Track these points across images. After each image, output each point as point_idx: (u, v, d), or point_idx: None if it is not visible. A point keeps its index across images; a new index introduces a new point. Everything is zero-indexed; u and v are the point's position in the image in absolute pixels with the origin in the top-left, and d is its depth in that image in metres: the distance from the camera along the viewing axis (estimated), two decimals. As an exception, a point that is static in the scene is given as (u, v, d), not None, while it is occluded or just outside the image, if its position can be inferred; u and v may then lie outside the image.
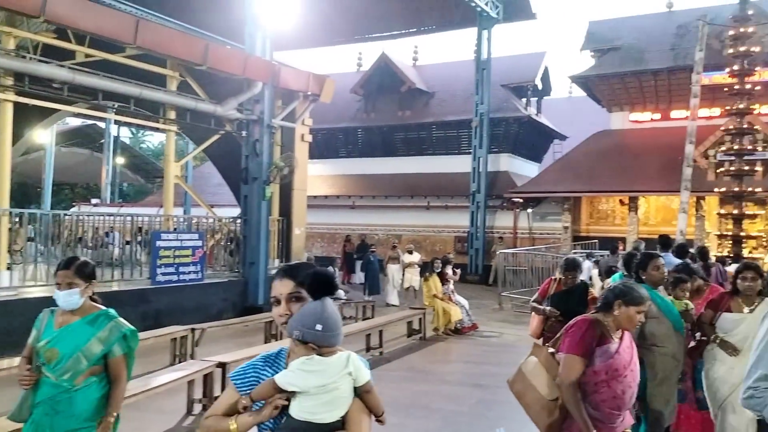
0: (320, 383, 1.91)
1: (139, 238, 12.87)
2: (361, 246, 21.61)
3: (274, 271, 7.92)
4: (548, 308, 5.83)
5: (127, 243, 12.73)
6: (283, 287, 2.03)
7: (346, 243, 22.66)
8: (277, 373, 1.98)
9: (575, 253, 16.54)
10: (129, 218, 12.53)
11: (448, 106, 25.61)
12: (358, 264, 20.42)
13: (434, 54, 57.03)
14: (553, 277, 6.22)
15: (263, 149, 12.59)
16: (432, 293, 11.59)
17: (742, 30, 15.12)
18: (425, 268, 13.05)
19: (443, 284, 11.76)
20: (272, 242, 13.76)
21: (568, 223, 21.64)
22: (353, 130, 27.39)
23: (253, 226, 12.70)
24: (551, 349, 3.57)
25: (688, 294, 4.88)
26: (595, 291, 7.28)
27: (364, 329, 9.45)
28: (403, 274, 15.89)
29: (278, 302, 2.04)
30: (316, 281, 1.96)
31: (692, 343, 4.80)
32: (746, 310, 4.44)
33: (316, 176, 24.00)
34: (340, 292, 13.92)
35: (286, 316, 2.00)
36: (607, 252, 13.88)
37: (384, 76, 26.46)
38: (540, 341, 5.48)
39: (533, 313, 6.11)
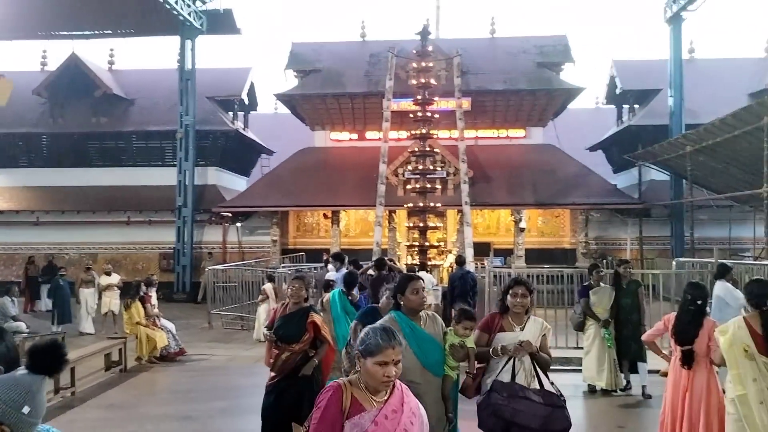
0: None
1: None
2: (47, 268, 19.14)
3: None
4: (267, 332, 5.67)
5: None
6: None
7: (29, 265, 19.88)
8: None
9: (284, 266, 16.95)
10: None
11: (150, 115, 24.12)
12: (45, 289, 17.97)
13: (135, 60, 53.61)
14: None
15: None
16: (135, 320, 10.71)
17: (423, 64, 17.14)
18: (126, 292, 12.00)
19: (146, 308, 10.94)
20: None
21: (276, 236, 22.06)
22: (37, 137, 24.10)
23: None
24: None
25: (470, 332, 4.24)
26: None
27: (52, 368, 8.26)
28: (100, 298, 14.46)
29: None
30: (41, 353, 1.56)
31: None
32: (517, 329, 4.28)
33: (-12, 189, 20.54)
34: (21, 324, 12.03)
35: None
36: (320, 264, 14.44)
37: (75, 79, 23.82)
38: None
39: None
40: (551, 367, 4.16)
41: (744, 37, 61.41)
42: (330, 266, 10.25)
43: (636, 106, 24.24)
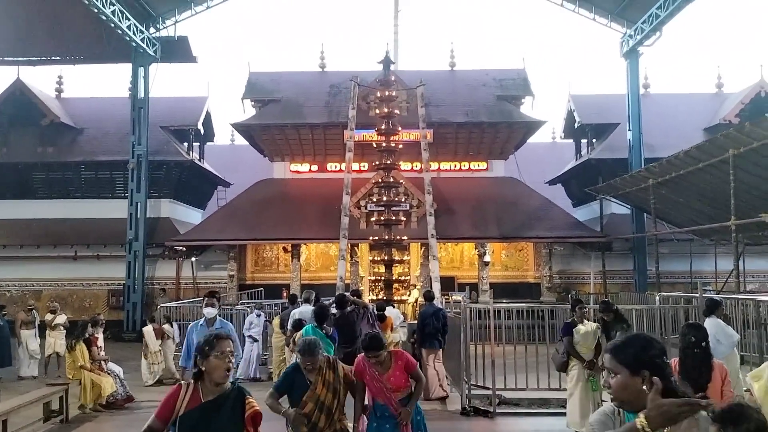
0: None
1: None
2: (-17, 307, 17.74)
3: None
4: None
5: None
6: None
7: (-36, 304, 18.41)
8: None
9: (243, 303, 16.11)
10: None
11: (100, 145, 23.11)
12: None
13: (85, 88, 52.19)
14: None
15: None
16: (78, 364, 9.77)
17: (387, 93, 16.83)
18: (71, 332, 11.04)
19: (91, 351, 10.03)
20: None
21: (233, 271, 21.18)
22: (-23, 167, 22.77)
23: None
24: None
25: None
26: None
27: (-19, 421, 7.33)
28: (44, 338, 13.36)
29: None
30: None
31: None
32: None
33: None
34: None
35: None
36: (281, 301, 13.82)
37: (19, 106, 22.69)
38: None
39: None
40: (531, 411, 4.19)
41: (695, 73, 63.80)
42: (302, 304, 9.54)
43: (594, 140, 24.47)
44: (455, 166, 23.26)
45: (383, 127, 16.88)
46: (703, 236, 19.44)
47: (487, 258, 20.67)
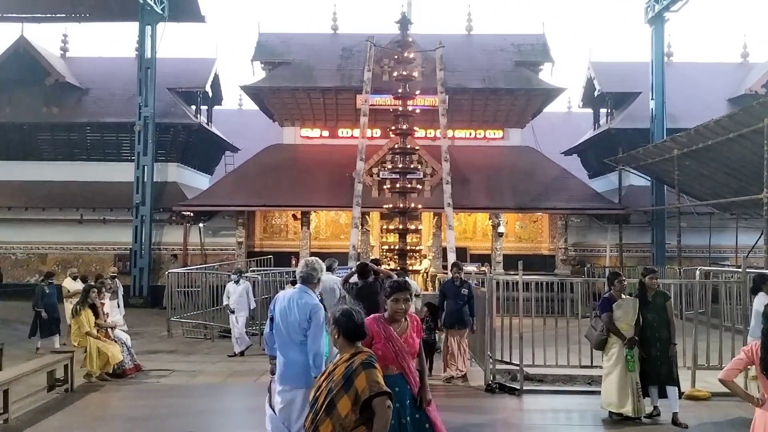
0: None
1: None
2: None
3: None
4: None
5: None
6: None
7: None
8: None
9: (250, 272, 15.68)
10: None
11: (106, 106, 22.49)
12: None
13: (91, 47, 51.22)
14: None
15: None
16: (85, 330, 9.38)
17: (405, 54, 16.11)
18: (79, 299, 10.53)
19: (97, 317, 9.63)
20: None
21: (242, 238, 20.75)
22: (-20, 127, 22.25)
23: None
24: None
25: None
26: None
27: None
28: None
29: None
30: None
31: None
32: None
33: None
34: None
35: None
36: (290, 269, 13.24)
37: (23, 65, 22.01)
38: None
39: None
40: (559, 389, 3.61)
41: (720, 42, 62.07)
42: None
43: (614, 110, 23.69)
44: (470, 134, 22.61)
45: (400, 90, 16.21)
46: (725, 210, 18.87)
47: (501, 229, 20.16)
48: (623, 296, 6.83)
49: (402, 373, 4.05)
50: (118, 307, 12.19)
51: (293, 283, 6.53)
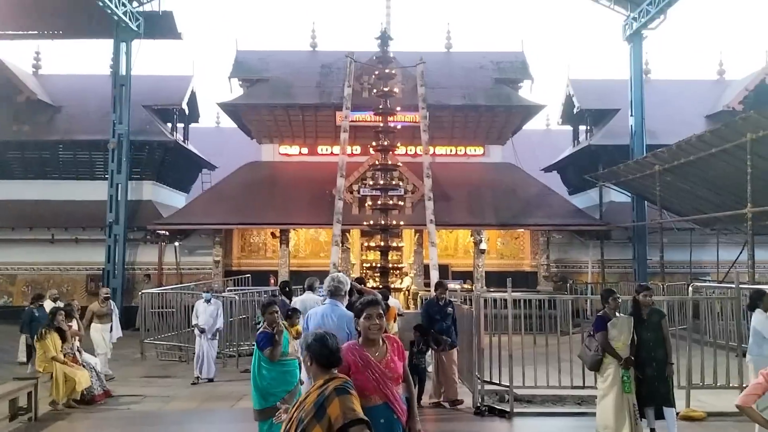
0: None
1: None
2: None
3: None
4: None
5: None
6: None
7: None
8: None
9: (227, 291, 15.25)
10: None
11: (79, 124, 21.95)
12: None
13: (64, 64, 50.58)
14: None
15: None
16: (50, 355, 8.89)
17: (386, 70, 15.93)
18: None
19: (64, 341, 9.13)
20: None
21: (219, 256, 20.28)
22: (-52, 145, 21.57)
23: None
24: None
25: None
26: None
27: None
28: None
29: None
30: None
31: None
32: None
33: None
34: None
35: None
36: (271, 288, 12.80)
37: (-6, 82, 21.50)
38: None
39: None
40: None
41: (697, 59, 62.97)
42: (305, 292, 8.36)
43: (593, 126, 23.76)
44: (451, 151, 22.48)
45: (381, 107, 16.00)
46: (706, 225, 18.87)
47: (483, 246, 19.95)
48: (617, 314, 6.57)
49: (386, 402, 3.61)
50: (111, 331, 11.69)
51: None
